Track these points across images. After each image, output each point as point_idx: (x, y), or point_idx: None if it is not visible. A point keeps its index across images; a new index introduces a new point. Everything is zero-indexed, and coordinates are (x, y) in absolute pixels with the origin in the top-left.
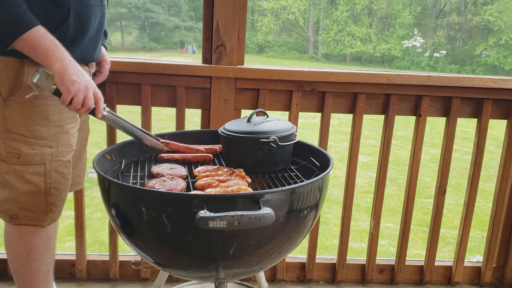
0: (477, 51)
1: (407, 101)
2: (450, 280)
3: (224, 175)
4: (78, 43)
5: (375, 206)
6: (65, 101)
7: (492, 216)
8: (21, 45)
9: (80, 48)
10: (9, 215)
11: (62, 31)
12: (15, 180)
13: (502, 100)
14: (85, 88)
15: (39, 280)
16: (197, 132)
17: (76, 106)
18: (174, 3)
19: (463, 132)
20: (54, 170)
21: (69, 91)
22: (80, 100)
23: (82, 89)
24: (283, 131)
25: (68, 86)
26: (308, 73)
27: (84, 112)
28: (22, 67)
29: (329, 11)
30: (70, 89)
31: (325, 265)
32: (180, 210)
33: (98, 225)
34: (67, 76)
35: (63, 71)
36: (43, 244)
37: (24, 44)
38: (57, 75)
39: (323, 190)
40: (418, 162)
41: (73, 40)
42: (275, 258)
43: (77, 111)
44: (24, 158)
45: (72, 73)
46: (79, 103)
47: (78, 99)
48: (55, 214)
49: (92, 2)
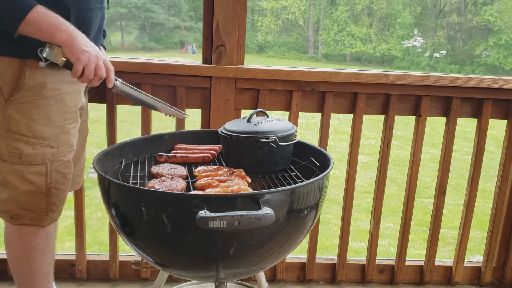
0: (477, 51)
1: (407, 101)
2: (450, 280)
3: (224, 175)
4: None
5: (375, 206)
6: (77, 71)
7: (492, 216)
8: (25, 28)
9: None
10: (9, 215)
11: None
12: (16, 180)
13: (502, 100)
14: (95, 57)
15: (39, 280)
16: (197, 132)
17: (88, 75)
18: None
19: (463, 132)
20: (55, 170)
21: (80, 60)
22: (91, 70)
23: (92, 58)
24: (283, 131)
25: (79, 55)
26: (308, 73)
27: (96, 82)
28: (23, 67)
29: (329, 11)
30: (80, 58)
31: (325, 265)
32: (180, 210)
33: (98, 225)
34: (76, 46)
35: (72, 41)
36: (43, 244)
37: (28, 26)
38: (66, 46)
39: (323, 190)
40: (418, 162)
41: None
42: (275, 258)
43: (89, 82)
44: (25, 158)
45: (81, 43)
46: (91, 73)
47: (89, 69)
48: (56, 214)
49: (92, 5)
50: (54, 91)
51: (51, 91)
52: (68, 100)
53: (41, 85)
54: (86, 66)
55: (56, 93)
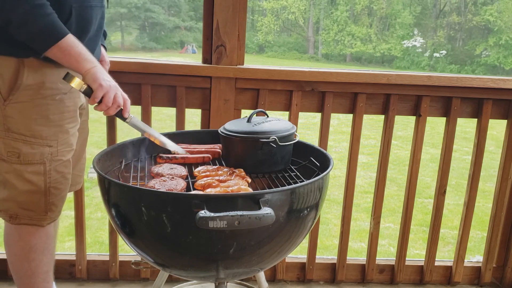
0: (477, 51)
1: (407, 101)
2: (450, 280)
3: (224, 175)
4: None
5: (375, 206)
6: (96, 97)
7: (492, 216)
8: (55, 52)
9: None
10: (8, 214)
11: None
12: (15, 180)
13: (502, 100)
14: (115, 87)
15: (38, 280)
16: (197, 132)
17: (107, 102)
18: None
19: (463, 132)
20: (53, 170)
21: (102, 87)
22: (111, 98)
23: (113, 87)
24: (283, 131)
25: (101, 82)
26: (308, 73)
27: (113, 110)
28: (22, 66)
29: (329, 11)
30: (102, 84)
31: (325, 265)
32: (180, 210)
33: (98, 225)
34: (99, 75)
35: (96, 71)
36: (43, 244)
37: (58, 50)
38: (90, 74)
39: (323, 190)
40: (418, 162)
41: None
42: (275, 258)
43: (107, 110)
44: (24, 157)
45: (104, 74)
46: (110, 100)
47: (109, 96)
48: (55, 213)
49: (93, 3)
50: (52, 90)
51: (50, 90)
52: (67, 100)
53: (39, 85)
54: (106, 93)
55: (54, 92)
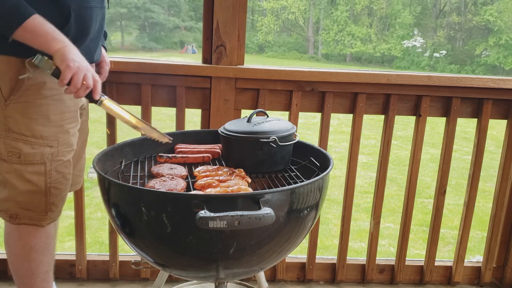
0: (477, 51)
1: (407, 101)
2: (450, 280)
3: (224, 175)
4: (79, 45)
5: (375, 206)
6: (65, 79)
7: (492, 216)
8: (21, 34)
9: (80, 50)
10: (8, 214)
11: (64, 33)
12: (15, 180)
13: (502, 100)
14: (85, 68)
15: (38, 280)
16: (197, 132)
17: (76, 84)
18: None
19: (463, 132)
20: (54, 170)
21: (69, 67)
22: (79, 79)
23: (82, 68)
24: (283, 131)
25: (69, 63)
26: (308, 73)
27: (82, 93)
28: (23, 66)
29: (329, 11)
30: (70, 65)
31: (325, 265)
32: (180, 210)
33: (98, 225)
34: (67, 55)
35: (64, 51)
36: (43, 244)
37: (24, 32)
38: (58, 54)
39: (323, 190)
40: (418, 162)
41: (74, 42)
42: (275, 258)
43: (76, 92)
44: (24, 157)
45: (73, 54)
46: (78, 82)
47: (77, 78)
48: (55, 213)
49: (93, 4)
50: (53, 90)
51: (50, 91)
52: (68, 100)
53: (40, 85)
54: (74, 74)
55: (55, 92)
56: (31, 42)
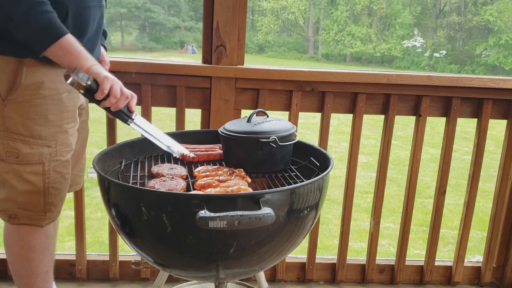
0: (477, 51)
1: (407, 101)
2: (450, 280)
3: (224, 175)
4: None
5: (375, 206)
6: (104, 89)
7: (492, 216)
8: (55, 50)
9: None
10: (8, 214)
11: None
12: (13, 180)
13: (502, 100)
14: (119, 81)
15: (38, 280)
16: (197, 132)
17: (115, 94)
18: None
19: (463, 132)
20: (52, 170)
21: (107, 79)
22: (118, 89)
23: (117, 80)
24: (283, 131)
25: (106, 75)
26: (308, 73)
27: (123, 102)
28: (20, 66)
29: (329, 11)
30: (108, 76)
31: (325, 265)
32: (180, 210)
33: (98, 225)
34: (101, 71)
35: (98, 67)
36: (42, 244)
37: (58, 49)
38: (93, 69)
39: (323, 190)
40: (418, 162)
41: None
42: (275, 258)
43: (116, 102)
44: (23, 157)
45: (105, 71)
46: (117, 92)
47: (116, 88)
48: (54, 213)
49: (91, 3)
50: (51, 90)
51: (49, 90)
52: (66, 100)
53: (38, 84)
54: (112, 85)
55: (53, 92)
56: (62, 60)
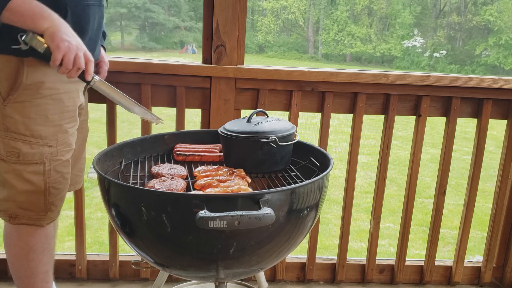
0: (477, 51)
1: (407, 101)
2: (450, 280)
3: (224, 175)
4: None
5: (375, 206)
6: (56, 60)
7: (492, 216)
8: (8, 16)
9: None
10: (8, 214)
11: None
12: (14, 179)
13: (502, 100)
14: (75, 47)
15: (38, 280)
16: (197, 132)
17: (67, 65)
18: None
19: (463, 132)
20: (53, 170)
21: (59, 48)
22: (70, 59)
23: (72, 48)
24: (283, 131)
25: (58, 43)
26: (308, 73)
27: (74, 73)
28: (21, 66)
29: (329, 11)
30: (60, 46)
31: (325, 265)
32: (180, 210)
33: (98, 225)
34: (57, 34)
35: (54, 29)
36: (42, 244)
37: (11, 13)
38: (47, 33)
39: (323, 190)
40: (418, 162)
41: None
42: (275, 258)
43: (68, 72)
44: (23, 157)
45: (63, 32)
46: (69, 62)
47: (68, 58)
48: (54, 213)
49: (90, 2)
50: (51, 90)
51: (49, 90)
52: (66, 99)
53: (38, 84)
54: (65, 55)
55: (53, 92)
56: (20, 24)
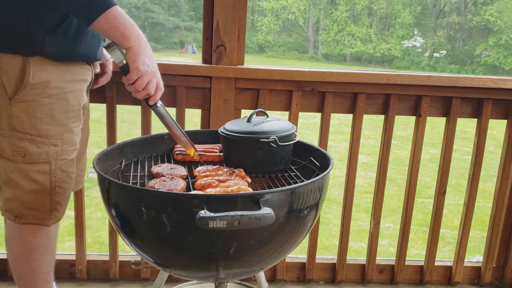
0: (477, 51)
1: (407, 101)
2: (450, 280)
3: (224, 175)
4: (82, 39)
5: (375, 206)
6: (130, 79)
7: (492, 216)
8: (102, 23)
9: (83, 45)
10: (14, 214)
11: (65, 27)
12: (20, 179)
13: (502, 100)
14: (152, 74)
15: (39, 280)
16: (197, 132)
17: (138, 87)
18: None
19: (463, 132)
20: (59, 169)
21: (138, 70)
22: (144, 83)
23: (149, 73)
24: (283, 131)
25: (139, 65)
26: (308, 73)
27: (141, 96)
28: (28, 65)
29: (329, 11)
30: (139, 68)
31: (325, 265)
32: (180, 210)
33: (98, 225)
34: (140, 56)
35: (138, 50)
36: (44, 244)
37: (105, 22)
38: (131, 52)
39: (323, 190)
40: (418, 162)
41: (77, 36)
42: (275, 258)
43: (136, 93)
44: (30, 156)
45: (145, 56)
46: (142, 85)
47: (142, 81)
48: (60, 213)
49: None
50: (57, 89)
51: (55, 90)
52: (71, 99)
53: (45, 84)
54: (140, 77)
55: (59, 91)
56: (106, 35)
